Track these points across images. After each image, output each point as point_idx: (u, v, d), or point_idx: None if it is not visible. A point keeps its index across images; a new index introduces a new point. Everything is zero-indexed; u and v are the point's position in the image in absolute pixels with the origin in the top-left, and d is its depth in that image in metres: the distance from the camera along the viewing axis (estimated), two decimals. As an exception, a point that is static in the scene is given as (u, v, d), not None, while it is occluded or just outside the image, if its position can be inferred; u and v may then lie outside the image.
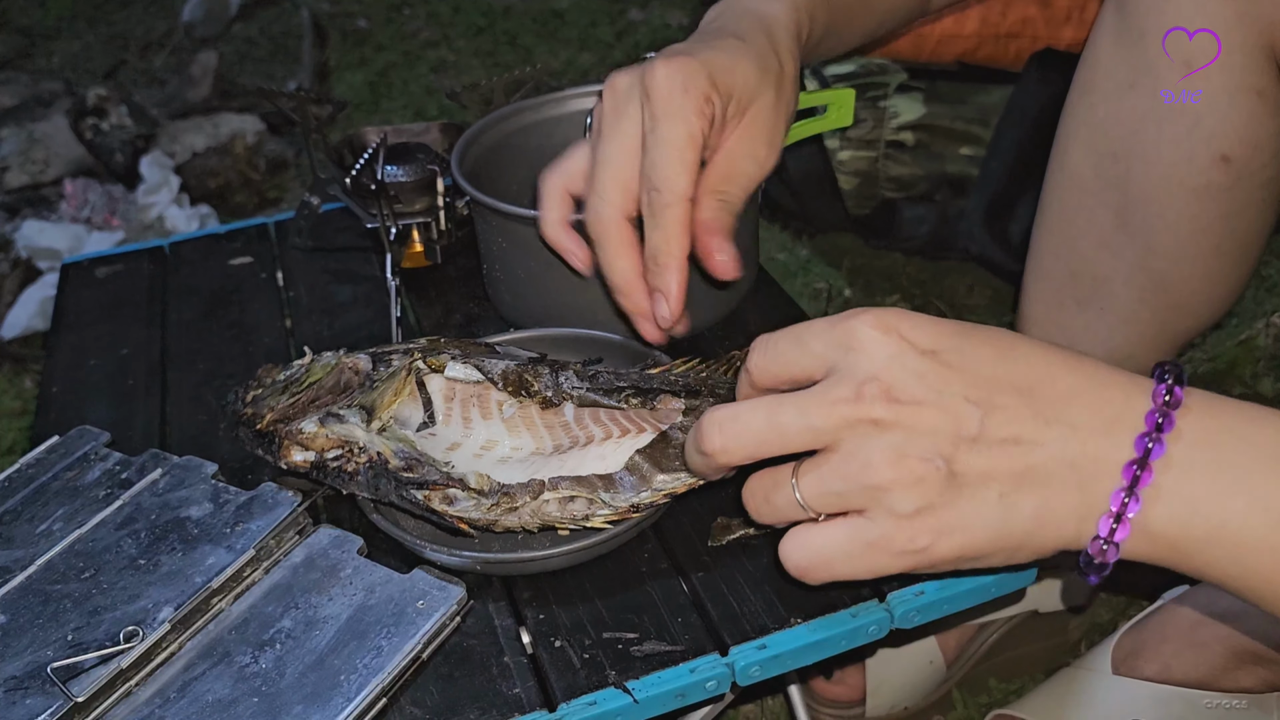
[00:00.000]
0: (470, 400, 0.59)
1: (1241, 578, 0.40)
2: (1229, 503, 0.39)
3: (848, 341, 0.42)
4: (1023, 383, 0.41)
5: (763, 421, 0.42)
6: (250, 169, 1.67)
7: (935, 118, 1.24)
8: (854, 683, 0.86)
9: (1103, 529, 0.40)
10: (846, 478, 0.41)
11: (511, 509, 0.52)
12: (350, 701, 0.47)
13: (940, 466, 0.40)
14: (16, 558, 0.56)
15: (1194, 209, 0.69)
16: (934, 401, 0.40)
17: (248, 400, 0.60)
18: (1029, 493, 0.40)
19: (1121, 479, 0.40)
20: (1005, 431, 0.40)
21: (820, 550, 0.43)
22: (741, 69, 0.56)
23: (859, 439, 0.41)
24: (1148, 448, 0.39)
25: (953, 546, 0.41)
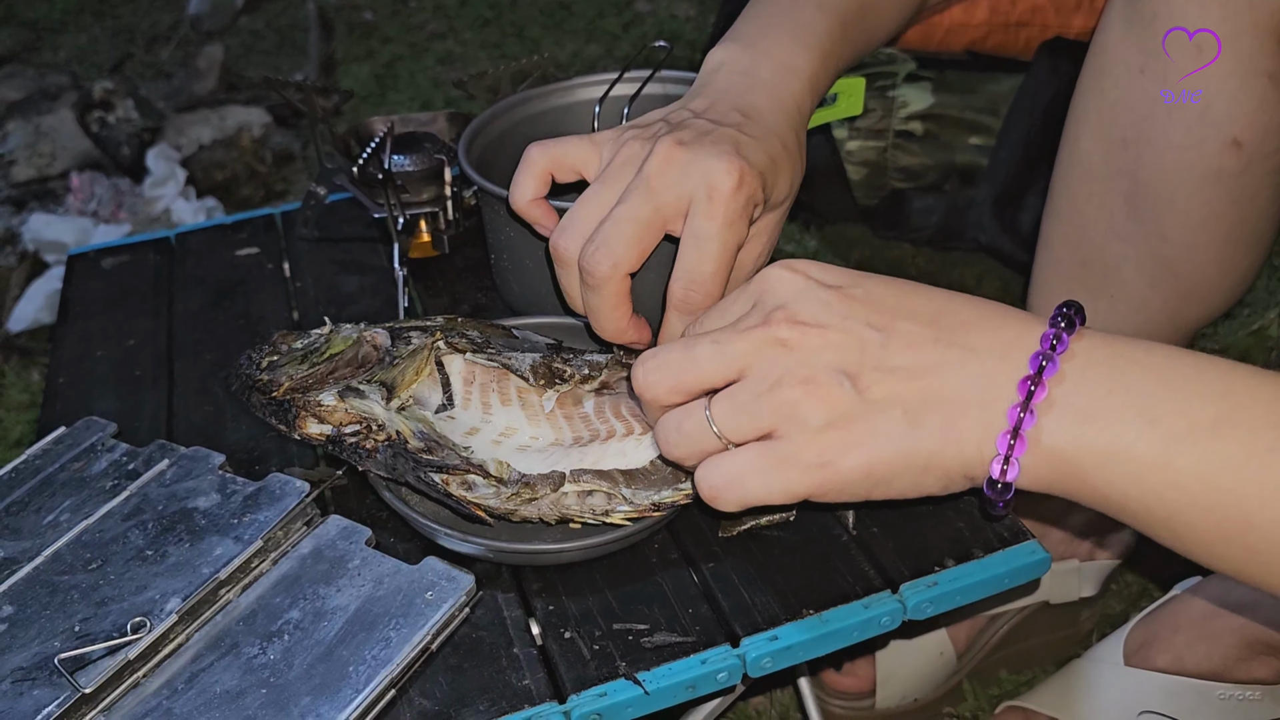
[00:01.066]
0: (490, 385, 0.58)
1: (1139, 498, 0.41)
2: (1123, 419, 0.40)
3: (760, 286, 0.46)
4: (924, 313, 0.44)
5: (679, 353, 0.46)
6: (257, 161, 1.67)
7: (944, 107, 1.23)
8: (864, 674, 0.86)
9: (1001, 445, 0.41)
10: (757, 396, 0.43)
11: (531, 499, 0.52)
12: (359, 693, 0.47)
13: (845, 384, 0.42)
14: (24, 549, 0.56)
15: (1205, 195, 0.68)
16: (838, 326, 0.43)
17: (263, 365, 0.59)
18: (932, 411, 0.42)
19: (1017, 394, 0.41)
20: (907, 354, 0.43)
21: (732, 469, 0.44)
22: (783, 182, 0.57)
23: (768, 361, 0.43)
24: (1041, 365, 0.41)
25: (860, 461, 0.43)
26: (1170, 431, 0.40)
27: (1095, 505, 0.42)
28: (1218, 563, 0.41)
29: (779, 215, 0.59)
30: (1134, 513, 0.41)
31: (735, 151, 0.53)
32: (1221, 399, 0.40)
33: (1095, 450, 0.41)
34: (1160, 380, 0.41)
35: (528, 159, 0.59)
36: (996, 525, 0.55)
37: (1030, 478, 0.42)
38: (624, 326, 0.56)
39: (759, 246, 0.58)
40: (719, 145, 0.53)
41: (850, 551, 0.54)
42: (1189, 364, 0.41)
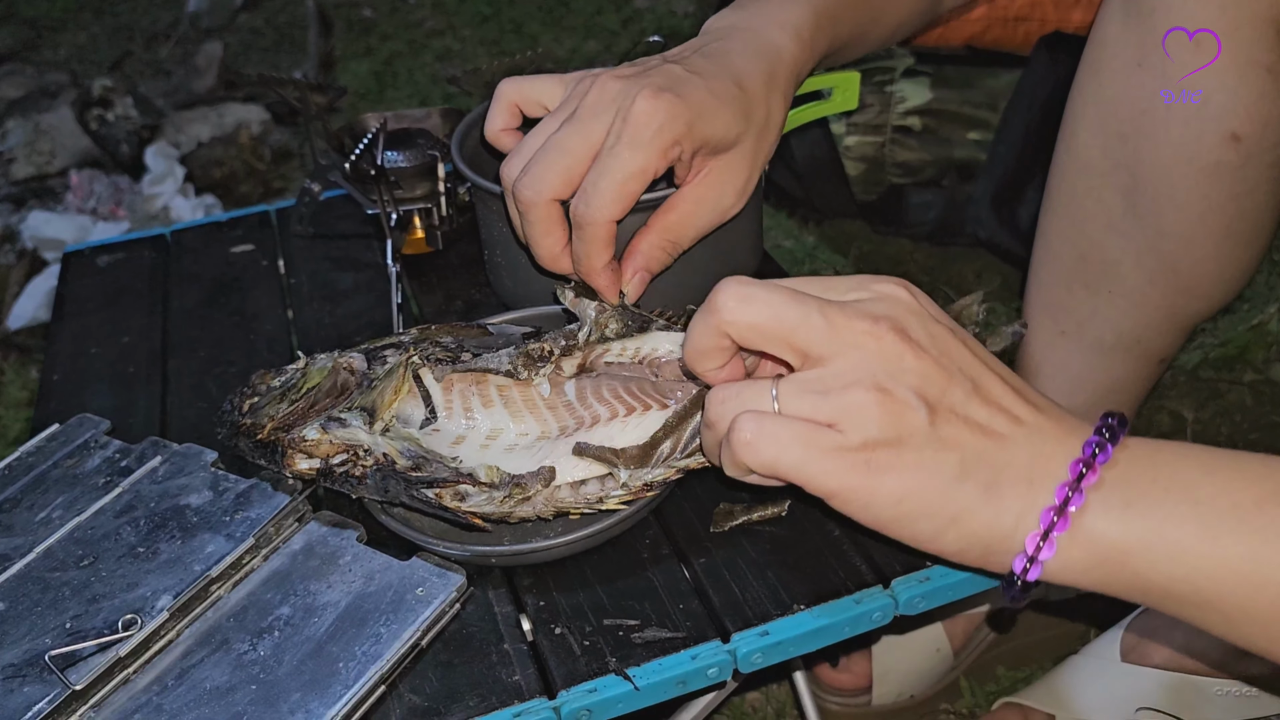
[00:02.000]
0: (469, 390, 0.58)
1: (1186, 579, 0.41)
2: (1167, 502, 0.41)
3: (875, 288, 0.45)
4: (1011, 381, 0.45)
5: (783, 299, 0.43)
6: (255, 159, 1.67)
7: (943, 102, 1.22)
8: (860, 670, 0.86)
9: (1043, 521, 0.42)
10: (832, 388, 0.42)
11: (525, 499, 0.52)
12: (349, 689, 0.47)
13: (920, 409, 0.42)
14: (16, 545, 0.56)
15: (1204, 189, 0.68)
16: (936, 357, 0.43)
17: (245, 410, 0.59)
18: (985, 470, 0.42)
19: (1068, 474, 0.42)
20: (985, 410, 0.43)
21: (776, 428, 0.43)
22: (724, 118, 0.56)
23: (858, 357, 0.42)
24: (1094, 451, 0.42)
25: (898, 487, 0.42)
26: (1215, 511, 0.40)
27: (1135, 595, 0.42)
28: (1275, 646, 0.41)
29: (739, 161, 0.58)
30: (1181, 596, 0.41)
31: (662, 84, 0.55)
32: (1263, 480, 0.41)
33: (1139, 534, 0.41)
34: (1202, 467, 0.41)
35: (498, 93, 0.62)
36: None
37: (1061, 563, 0.42)
38: (556, 253, 0.58)
39: (711, 190, 0.58)
40: (649, 77, 0.55)
41: (842, 546, 0.53)
42: (1228, 454, 0.42)
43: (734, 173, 0.59)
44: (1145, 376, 0.81)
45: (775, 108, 0.60)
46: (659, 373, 0.58)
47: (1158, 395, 1.13)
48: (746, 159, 0.59)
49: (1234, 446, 1.07)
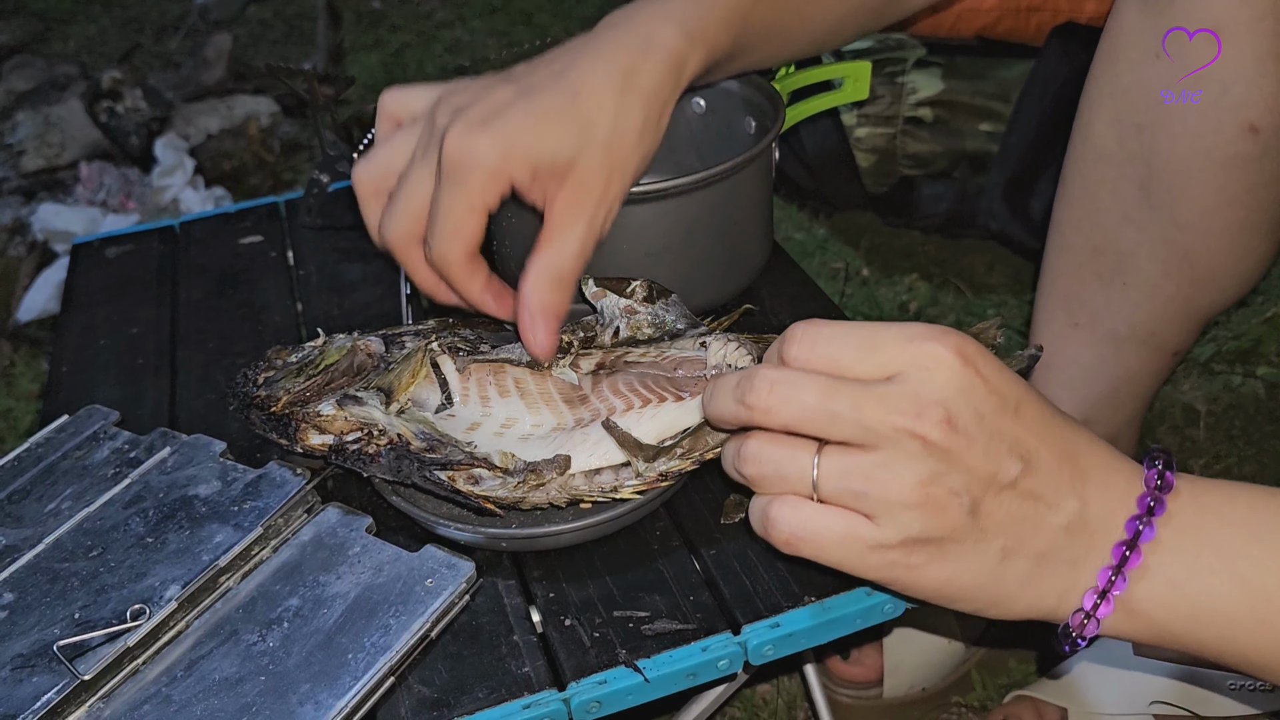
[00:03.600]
0: (487, 379, 0.58)
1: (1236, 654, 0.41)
2: (1212, 581, 0.41)
3: (924, 360, 0.41)
4: (1060, 446, 0.43)
5: (815, 398, 0.41)
6: (265, 151, 1.66)
7: (954, 93, 1.22)
8: (871, 663, 0.85)
9: (1086, 602, 0.42)
10: (873, 482, 0.41)
11: (539, 485, 0.51)
12: (358, 680, 0.47)
13: (964, 504, 0.41)
14: (25, 536, 0.56)
15: (1220, 181, 0.67)
16: (984, 444, 0.41)
17: (259, 383, 0.59)
18: (1026, 556, 0.42)
19: (1111, 558, 0.42)
20: (1035, 489, 0.42)
21: (817, 529, 0.42)
22: (551, 137, 0.54)
23: (901, 452, 0.41)
24: (1138, 529, 0.41)
25: (940, 579, 0.42)
26: (1260, 590, 0.40)
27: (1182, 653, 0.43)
28: None
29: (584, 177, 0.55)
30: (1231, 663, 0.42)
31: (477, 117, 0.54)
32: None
33: (1184, 615, 0.41)
34: (1248, 534, 0.41)
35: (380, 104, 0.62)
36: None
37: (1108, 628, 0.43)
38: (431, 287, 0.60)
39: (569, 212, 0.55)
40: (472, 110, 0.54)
41: (854, 539, 0.53)
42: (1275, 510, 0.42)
43: (588, 188, 0.55)
44: (1158, 369, 0.80)
45: (630, 110, 0.55)
46: (679, 367, 0.57)
47: (1171, 388, 1.12)
48: (599, 172, 0.55)
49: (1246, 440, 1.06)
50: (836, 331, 0.43)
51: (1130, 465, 0.44)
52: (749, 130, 0.72)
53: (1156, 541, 0.41)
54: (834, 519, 0.42)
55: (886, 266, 1.32)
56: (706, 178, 0.62)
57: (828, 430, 0.42)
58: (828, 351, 0.43)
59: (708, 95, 0.75)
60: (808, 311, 0.69)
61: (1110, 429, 0.84)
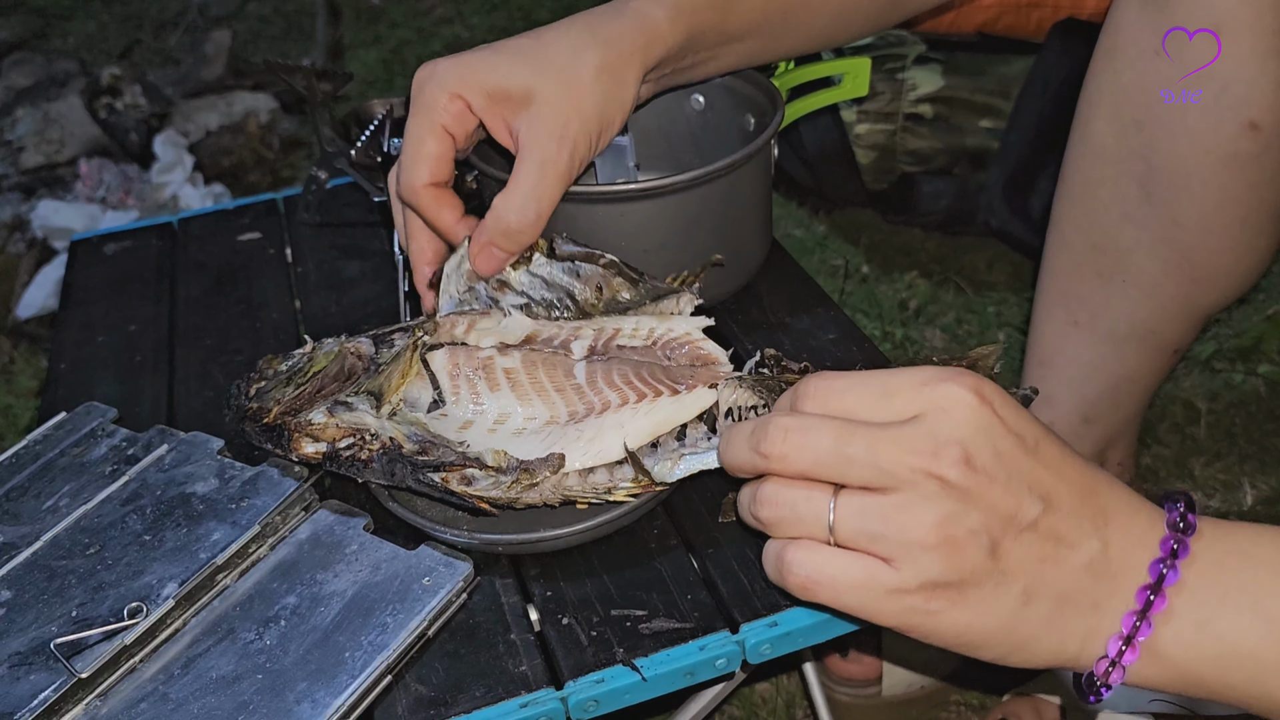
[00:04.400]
0: (477, 374, 0.58)
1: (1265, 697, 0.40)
2: (1239, 623, 0.40)
3: (939, 401, 0.41)
4: (1079, 486, 0.42)
5: (830, 443, 0.41)
6: (264, 147, 1.66)
7: (954, 90, 1.21)
8: (870, 661, 0.85)
9: (1111, 649, 0.41)
10: (890, 524, 0.40)
11: (532, 485, 0.51)
12: (355, 679, 0.47)
13: (984, 544, 0.40)
14: (22, 534, 0.56)
15: (1221, 178, 0.67)
16: (1003, 482, 0.40)
17: (251, 394, 0.59)
18: (1050, 599, 0.41)
19: (1135, 602, 0.41)
20: (1056, 529, 0.41)
21: (833, 576, 0.41)
22: (506, 66, 0.57)
23: (919, 493, 0.40)
24: (1162, 573, 0.40)
25: (960, 624, 0.41)
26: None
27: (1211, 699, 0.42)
28: None
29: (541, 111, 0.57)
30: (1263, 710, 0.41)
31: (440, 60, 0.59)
32: None
33: (1212, 658, 0.40)
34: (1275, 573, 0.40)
35: None
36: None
37: (1135, 676, 0.41)
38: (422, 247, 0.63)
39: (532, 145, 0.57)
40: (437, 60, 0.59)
41: (852, 538, 0.53)
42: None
43: (545, 122, 0.57)
44: (1158, 367, 0.80)
45: (586, 49, 0.57)
46: (671, 356, 0.57)
47: (1171, 385, 1.12)
48: (553, 106, 0.57)
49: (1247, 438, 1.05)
50: (851, 382, 0.42)
51: (1150, 507, 0.43)
52: (748, 127, 0.72)
53: (1181, 584, 0.40)
54: (851, 562, 0.41)
55: (886, 264, 1.32)
56: (705, 174, 0.62)
57: (844, 474, 0.41)
58: (843, 403, 0.42)
59: (707, 92, 0.74)
60: (807, 309, 0.69)
61: (1110, 427, 0.84)
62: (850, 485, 0.41)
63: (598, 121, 0.58)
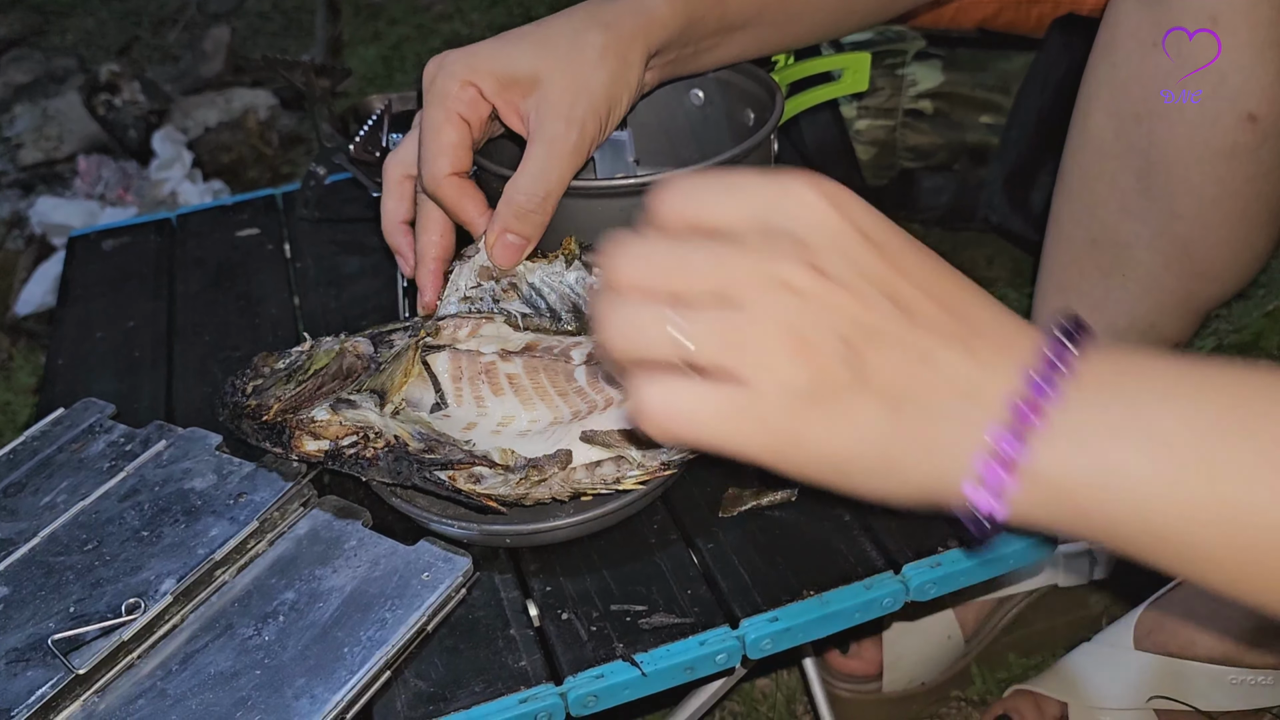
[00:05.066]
0: (479, 378, 0.58)
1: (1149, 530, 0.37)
2: (1123, 444, 0.36)
3: (790, 200, 0.39)
4: (947, 298, 0.39)
5: (667, 250, 0.39)
6: (263, 144, 1.66)
7: (955, 85, 1.21)
8: (871, 657, 0.85)
9: (985, 469, 0.37)
10: (740, 328, 0.37)
11: (541, 480, 0.51)
12: (354, 674, 0.47)
13: (839, 350, 0.37)
14: (20, 529, 0.56)
15: (1219, 171, 0.67)
16: (856, 288, 0.38)
17: (249, 391, 0.58)
18: (918, 416, 0.38)
19: (1009, 417, 0.37)
20: (915, 340, 0.38)
21: (687, 399, 0.38)
22: (512, 51, 0.59)
23: (768, 299, 0.37)
24: (1040, 386, 0.37)
25: (826, 444, 0.38)
26: (1175, 448, 0.36)
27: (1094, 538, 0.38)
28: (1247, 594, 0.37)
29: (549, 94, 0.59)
30: (1141, 544, 0.37)
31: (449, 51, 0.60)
32: (1233, 409, 0.36)
33: (1091, 481, 0.37)
34: (1165, 395, 0.37)
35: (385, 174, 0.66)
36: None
37: (1015, 501, 0.38)
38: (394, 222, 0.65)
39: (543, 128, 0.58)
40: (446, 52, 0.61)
41: (852, 532, 0.53)
42: (1197, 375, 0.37)
43: (552, 104, 0.59)
44: (1159, 362, 0.80)
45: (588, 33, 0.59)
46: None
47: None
48: (559, 88, 0.58)
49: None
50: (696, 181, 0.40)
51: (1033, 329, 0.39)
52: (748, 122, 0.72)
53: (1061, 400, 0.37)
54: (704, 388, 0.38)
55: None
56: (705, 169, 0.62)
57: (689, 282, 0.38)
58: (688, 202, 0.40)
59: (706, 87, 0.74)
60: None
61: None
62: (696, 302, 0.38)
63: (605, 101, 0.59)
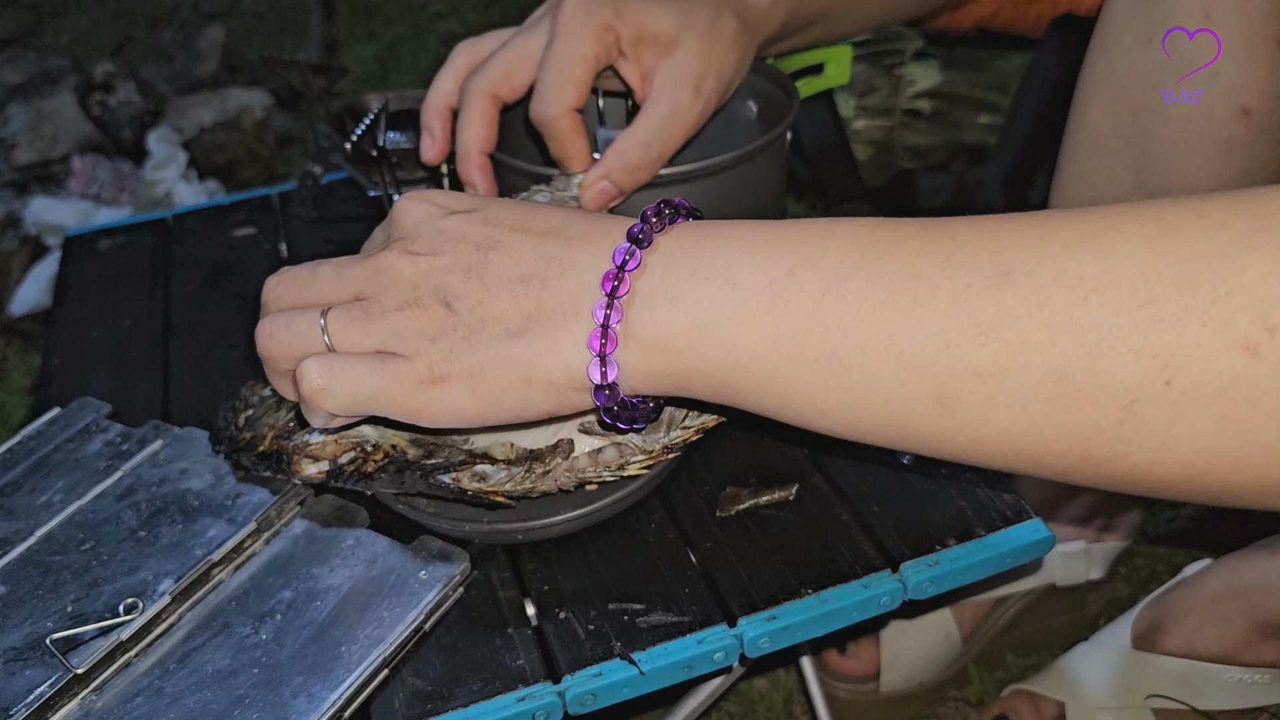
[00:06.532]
0: None
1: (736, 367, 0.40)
2: (706, 292, 0.40)
3: (393, 215, 0.47)
4: (538, 228, 0.44)
5: (307, 271, 0.48)
6: (258, 143, 1.66)
7: (953, 85, 1.21)
8: (868, 657, 0.85)
9: (594, 344, 0.41)
10: (369, 315, 0.45)
11: (545, 472, 0.51)
12: (351, 673, 0.46)
13: (445, 305, 0.44)
14: (17, 529, 0.55)
15: (1214, 165, 0.67)
16: (447, 250, 0.44)
17: (241, 424, 0.58)
18: (531, 325, 0.43)
19: (602, 291, 0.41)
20: (509, 271, 0.43)
21: (344, 365, 0.44)
22: (657, 11, 0.59)
23: (380, 287, 0.45)
24: (624, 258, 0.41)
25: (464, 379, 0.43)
26: (751, 290, 0.39)
27: (712, 395, 0.42)
28: (831, 422, 0.40)
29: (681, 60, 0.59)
30: (739, 386, 0.41)
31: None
32: (800, 247, 0.40)
33: (684, 329, 0.41)
34: (744, 246, 0.41)
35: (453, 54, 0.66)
36: (999, 504, 0.54)
37: (637, 376, 0.42)
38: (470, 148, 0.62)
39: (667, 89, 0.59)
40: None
41: (850, 530, 0.53)
42: (774, 227, 0.41)
43: (685, 71, 0.59)
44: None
45: (726, 15, 0.60)
46: None
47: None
48: (696, 58, 0.59)
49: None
50: None
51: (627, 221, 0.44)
52: (750, 115, 0.71)
53: (644, 267, 0.41)
54: (356, 357, 0.44)
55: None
56: (717, 164, 0.62)
57: (322, 294, 0.46)
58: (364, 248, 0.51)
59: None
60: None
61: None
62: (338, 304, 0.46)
63: (725, 85, 0.61)
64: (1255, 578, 0.73)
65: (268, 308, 0.49)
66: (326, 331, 0.45)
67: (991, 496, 0.54)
